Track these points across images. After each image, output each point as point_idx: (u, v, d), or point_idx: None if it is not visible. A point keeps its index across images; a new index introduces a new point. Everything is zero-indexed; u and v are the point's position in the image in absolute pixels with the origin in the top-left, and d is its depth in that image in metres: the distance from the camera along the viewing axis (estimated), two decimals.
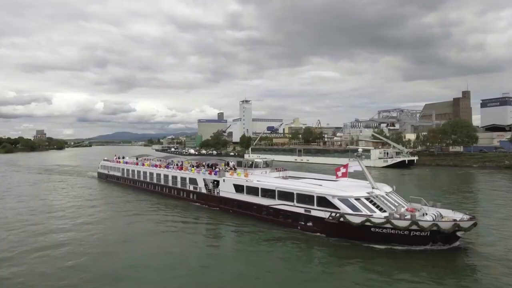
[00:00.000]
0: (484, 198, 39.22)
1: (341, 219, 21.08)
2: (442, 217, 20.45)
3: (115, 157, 59.52)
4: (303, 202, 24.20)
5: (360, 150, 24.49)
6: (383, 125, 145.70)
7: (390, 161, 78.08)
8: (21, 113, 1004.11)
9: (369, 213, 20.78)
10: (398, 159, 78.43)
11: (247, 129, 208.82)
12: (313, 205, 23.42)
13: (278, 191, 26.46)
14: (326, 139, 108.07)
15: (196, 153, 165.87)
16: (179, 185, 38.79)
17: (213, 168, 36.81)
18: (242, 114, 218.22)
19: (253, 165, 33.87)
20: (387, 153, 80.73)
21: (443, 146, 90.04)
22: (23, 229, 25.39)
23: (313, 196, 23.53)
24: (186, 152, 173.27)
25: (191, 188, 36.76)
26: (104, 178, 57.57)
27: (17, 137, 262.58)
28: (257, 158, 39.09)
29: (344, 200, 21.84)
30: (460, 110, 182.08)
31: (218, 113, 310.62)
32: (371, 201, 21.69)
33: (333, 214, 21.70)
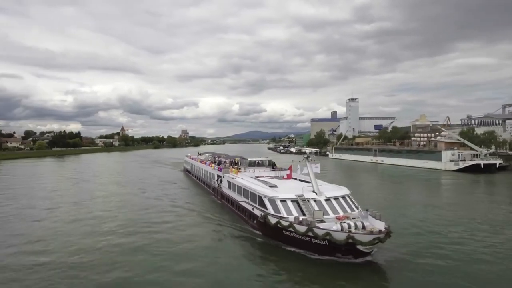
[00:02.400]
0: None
1: (266, 219, 21.31)
2: (362, 228, 18.55)
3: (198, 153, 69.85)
4: (252, 200, 25.10)
5: (307, 151, 24.22)
6: (508, 122, 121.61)
7: (462, 164, 68.79)
8: (176, 115, 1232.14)
9: (286, 215, 20.53)
10: (471, 162, 68.25)
11: (353, 128, 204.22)
12: (256, 203, 24.11)
13: (243, 189, 27.86)
14: (414, 139, 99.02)
15: (295, 151, 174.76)
16: (208, 179, 43.93)
17: (233, 165, 39.96)
18: (349, 113, 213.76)
19: (247, 164, 36.29)
20: (460, 155, 71.12)
21: None
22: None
23: (255, 195, 24.43)
24: (286, 151, 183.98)
25: (212, 182, 41.08)
26: (184, 171, 68.47)
27: (166, 136, 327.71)
28: (258, 157, 39.62)
29: (271, 201, 22.12)
30: None
31: (332, 112, 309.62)
32: (298, 204, 21.28)
33: (262, 214, 22.19)
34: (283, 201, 21.56)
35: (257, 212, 23.35)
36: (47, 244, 21.69)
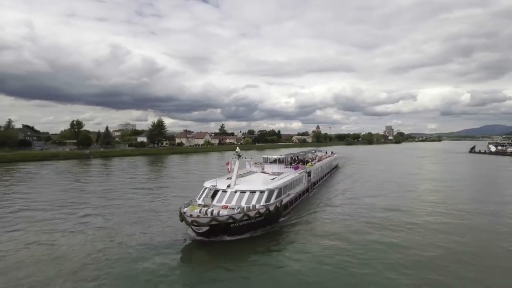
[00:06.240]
0: None
1: None
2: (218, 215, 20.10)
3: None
4: None
5: (237, 149, 25.59)
6: None
7: None
8: (390, 110, 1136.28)
9: (196, 200, 23.69)
10: None
11: None
12: None
13: None
14: None
15: (494, 150, 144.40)
16: None
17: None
18: None
19: (266, 161, 37.89)
20: None
21: None
22: None
23: None
24: (487, 151, 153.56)
25: None
26: None
27: (363, 132, 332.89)
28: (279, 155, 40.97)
29: (202, 188, 24.75)
30: None
31: None
32: (210, 193, 23.53)
33: None
34: (205, 189, 24.32)
35: None
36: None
